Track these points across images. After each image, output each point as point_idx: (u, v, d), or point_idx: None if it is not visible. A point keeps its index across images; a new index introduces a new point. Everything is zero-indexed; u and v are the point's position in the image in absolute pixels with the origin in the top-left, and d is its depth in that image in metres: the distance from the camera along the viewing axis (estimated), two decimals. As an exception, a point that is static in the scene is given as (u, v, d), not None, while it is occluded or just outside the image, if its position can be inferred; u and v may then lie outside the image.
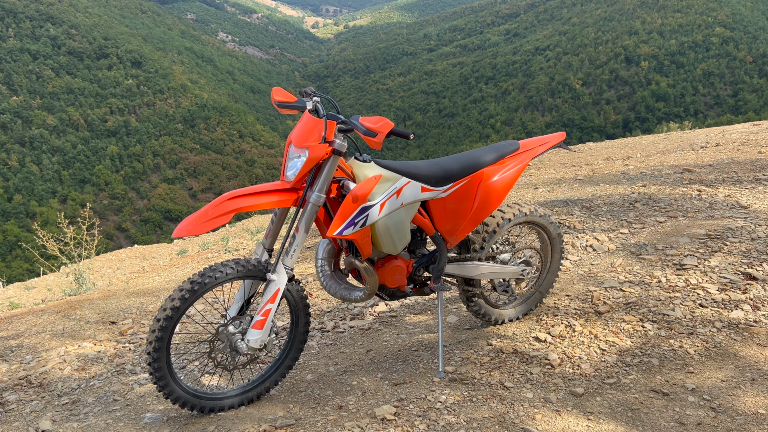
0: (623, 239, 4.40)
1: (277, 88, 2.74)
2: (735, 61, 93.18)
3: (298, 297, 2.70)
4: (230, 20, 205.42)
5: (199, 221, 2.36)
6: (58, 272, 11.72)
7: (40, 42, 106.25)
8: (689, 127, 16.98)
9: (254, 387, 2.73)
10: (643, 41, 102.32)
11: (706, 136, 10.98)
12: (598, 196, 5.73)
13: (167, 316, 2.40)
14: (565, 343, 3.02)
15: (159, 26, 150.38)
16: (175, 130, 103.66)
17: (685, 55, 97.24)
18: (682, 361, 2.75)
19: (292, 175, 2.51)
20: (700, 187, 5.66)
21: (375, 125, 2.38)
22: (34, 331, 4.68)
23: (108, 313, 4.97)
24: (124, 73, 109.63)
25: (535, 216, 3.20)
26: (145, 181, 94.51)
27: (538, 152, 3.11)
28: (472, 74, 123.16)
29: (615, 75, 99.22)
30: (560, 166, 9.49)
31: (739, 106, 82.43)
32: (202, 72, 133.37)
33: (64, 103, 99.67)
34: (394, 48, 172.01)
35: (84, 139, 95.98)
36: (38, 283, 11.63)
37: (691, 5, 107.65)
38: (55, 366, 3.47)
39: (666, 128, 17.53)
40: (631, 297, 3.44)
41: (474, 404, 2.54)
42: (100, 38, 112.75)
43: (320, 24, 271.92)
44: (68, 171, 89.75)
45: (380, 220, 2.62)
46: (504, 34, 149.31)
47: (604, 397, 2.53)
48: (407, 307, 3.85)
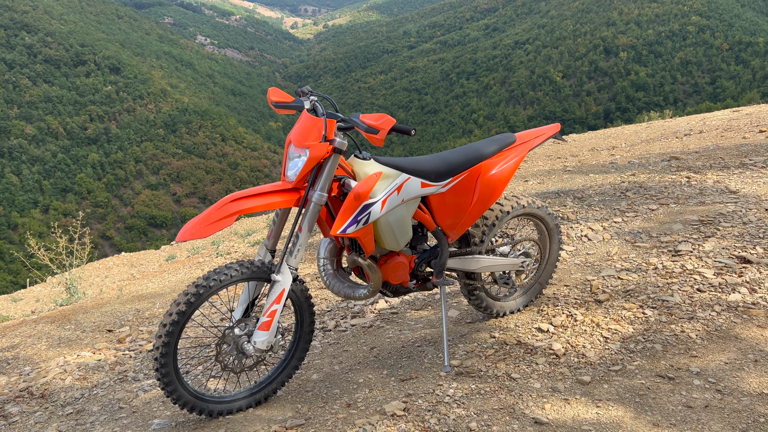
0: (617, 228, 4.44)
1: (274, 89, 2.73)
2: (712, 48, 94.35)
3: (303, 297, 2.70)
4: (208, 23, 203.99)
5: (203, 224, 2.34)
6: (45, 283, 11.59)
7: (16, 51, 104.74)
8: (670, 115, 17.14)
9: (261, 388, 2.73)
10: (621, 32, 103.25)
11: (687, 124, 11.10)
12: (589, 186, 5.77)
13: (174, 320, 2.39)
14: (567, 332, 3.05)
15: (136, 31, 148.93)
16: (156, 135, 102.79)
17: (663, 44, 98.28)
18: (684, 345, 2.78)
19: (294, 175, 2.50)
20: (688, 174, 5.73)
21: (377, 122, 2.38)
22: (29, 342, 4.62)
23: (103, 321, 4.93)
24: (102, 79, 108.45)
25: (532, 207, 3.22)
26: (128, 188, 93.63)
27: (534, 144, 3.13)
28: (453, 70, 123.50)
29: (594, 66, 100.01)
30: (546, 158, 9.55)
31: (717, 93, 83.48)
32: (181, 76, 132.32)
33: (42, 112, 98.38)
34: (374, 46, 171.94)
35: (64, 147, 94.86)
36: (25, 294, 11.49)
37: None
38: (56, 376, 3.44)
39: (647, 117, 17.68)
40: (630, 284, 3.48)
41: (482, 396, 2.56)
42: (77, 45, 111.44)
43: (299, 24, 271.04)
44: (49, 180, 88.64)
45: (382, 217, 2.62)
46: (483, 29, 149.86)
47: (611, 384, 2.56)
48: (408, 303, 3.85)
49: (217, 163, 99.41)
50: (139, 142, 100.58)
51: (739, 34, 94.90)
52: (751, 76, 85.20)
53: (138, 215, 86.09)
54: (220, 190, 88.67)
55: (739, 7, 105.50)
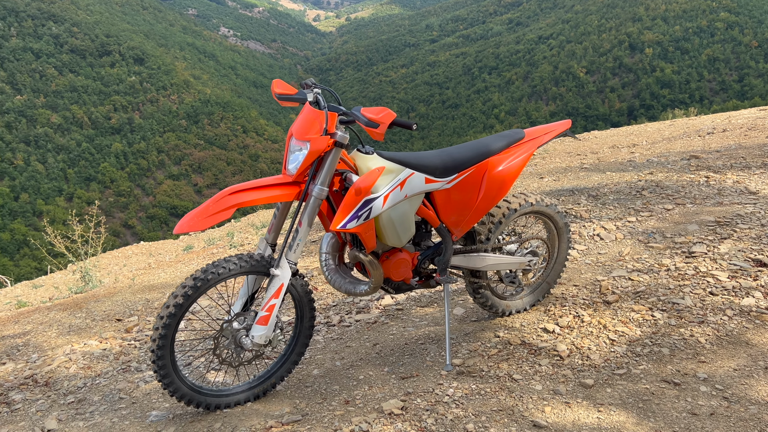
0: (631, 227, 4.35)
1: (278, 81, 2.70)
2: (740, 46, 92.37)
3: (303, 292, 2.67)
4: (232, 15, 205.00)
5: (201, 217, 2.33)
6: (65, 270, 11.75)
7: (43, 40, 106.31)
8: (695, 113, 16.84)
9: (260, 383, 2.71)
10: (647, 28, 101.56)
11: (712, 122, 10.88)
12: (605, 184, 5.67)
13: (170, 313, 2.38)
14: (573, 333, 2.99)
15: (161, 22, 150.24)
16: (178, 126, 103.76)
17: (690, 41, 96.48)
18: (693, 350, 2.71)
19: (294, 169, 2.47)
20: (707, 174, 5.60)
21: (377, 116, 2.34)
22: (40, 329, 4.68)
23: (114, 310, 4.96)
24: (126, 70, 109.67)
25: (541, 206, 3.15)
26: (150, 177, 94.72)
27: (543, 141, 3.06)
28: (475, 64, 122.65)
29: (619, 62, 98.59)
30: (565, 155, 9.42)
31: (745, 91, 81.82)
32: (204, 68, 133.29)
33: (68, 101, 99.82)
34: (396, 39, 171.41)
35: (88, 136, 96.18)
36: (46, 281, 11.67)
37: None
38: (60, 364, 3.46)
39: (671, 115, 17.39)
40: (640, 286, 3.40)
41: (482, 397, 2.51)
42: (102, 36, 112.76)
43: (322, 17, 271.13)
44: (73, 169, 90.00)
45: (384, 213, 2.58)
46: (507, 24, 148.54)
47: (615, 388, 2.50)
48: (413, 299, 3.81)
49: (238, 155, 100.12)
50: (162, 133, 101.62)
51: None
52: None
53: (159, 205, 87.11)
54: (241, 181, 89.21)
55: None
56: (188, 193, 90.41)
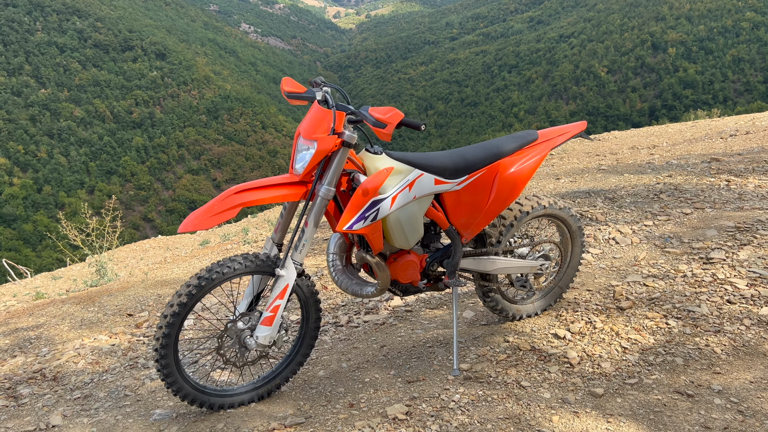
0: (647, 231, 4.26)
1: (287, 79, 2.67)
2: (766, 46, 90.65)
3: (309, 292, 2.64)
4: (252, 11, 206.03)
5: (205, 216, 2.30)
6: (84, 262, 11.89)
7: (67, 35, 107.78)
8: (718, 114, 16.54)
9: (265, 383, 2.68)
10: (671, 27, 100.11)
11: (735, 124, 10.66)
12: (622, 186, 5.57)
13: (174, 312, 2.36)
14: (585, 340, 2.92)
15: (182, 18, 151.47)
16: (198, 121, 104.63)
17: (714, 40, 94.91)
18: (708, 360, 2.63)
19: (301, 168, 2.44)
20: (728, 177, 5.47)
21: (384, 116, 2.30)
22: (53, 322, 4.71)
23: (126, 305, 4.98)
24: (148, 65, 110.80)
25: (554, 208, 3.09)
26: (170, 172, 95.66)
27: (557, 142, 2.99)
28: (495, 62, 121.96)
29: (641, 62, 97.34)
30: (584, 155, 9.29)
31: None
32: (225, 63, 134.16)
33: (91, 95, 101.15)
34: (415, 37, 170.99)
35: (110, 130, 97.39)
36: (64, 273, 11.81)
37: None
38: (69, 359, 3.47)
39: (693, 116, 17.11)
40: (655, 292, 3.32)
41: (489, 404, 2.46)
42: (125, 31, 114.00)
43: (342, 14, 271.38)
44: (95, 162, 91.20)
45: (392, 214, 2.54)
46: (527, 22, 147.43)
47: (625, 398, 2.43)
48: (423, 301, 3.77)
49: (257, 150, 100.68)
50: (182, 128, 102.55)
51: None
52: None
53: (179, 199, 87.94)
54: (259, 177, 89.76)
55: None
56: (207, 188, 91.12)
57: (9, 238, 67.12)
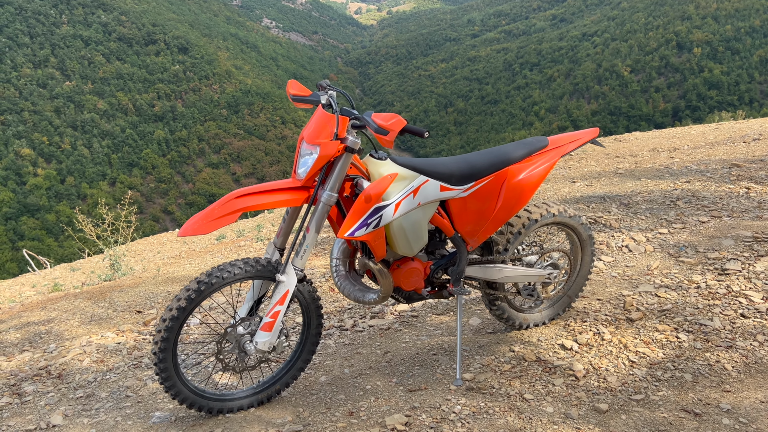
0: (662, 240, 4.17)
1: (293, 81, 2.65)
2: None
3: (310, 298, 2.61)
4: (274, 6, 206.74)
5: (205, 220, 2.28)
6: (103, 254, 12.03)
7: (92, 28, 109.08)
8: (743, 116, 16.23)
9: (265, 388, 2.66)
10: (697, 27, 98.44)
11: (760, 128, 10.43)
12: (638, 192, 5.47)
13: (173, 316, 2.35)
14: (592, 352, 2.86)
15: (205, 12, 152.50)
16: (219, 115, 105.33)
17: (741, 41, 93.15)
18: (718, 377, 2.55)
19: (303, 173, 2.41)
20: (748, 185, 5.34)
21: (386, 123, 2.26)
22: (64, 317, 4.75)
23: (135, 301, 5.01)
24: (171, 59, 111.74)
25: (564, 216, 3.02)
26: (191, 165, 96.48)
27: (568, 149, 2.93)
28: (516, 60, 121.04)
29: (665, 62, 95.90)
30: (603, 157, 9.16)
31: (799, 94, 78.66)
32: (246, 58, 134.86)
33: (114, 88, 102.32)
34: (437, 34, 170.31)
35: (132, 123, 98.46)
36: (83, 264, 11.95)
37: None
38: (75, 357, 3.49)
39: (717, 118, 16.81)
40: (667, 303, 3.24)
41: (490, 417, 2.42)
42: (149, 24, 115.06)
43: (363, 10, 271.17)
44: (117, 154, 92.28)
45: (395, 221, 2.50)
46: (550, 20, 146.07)
47: (630, 415, 2.37)
48: (429, 306, 3.72)
49: (276, 145, 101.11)
50: (203, 121, 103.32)
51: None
52: (837, 78, 79.90)
53: (198, 192, 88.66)
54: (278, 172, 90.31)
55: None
56: (226, 182, 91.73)
57: (33, 228, 68.27)
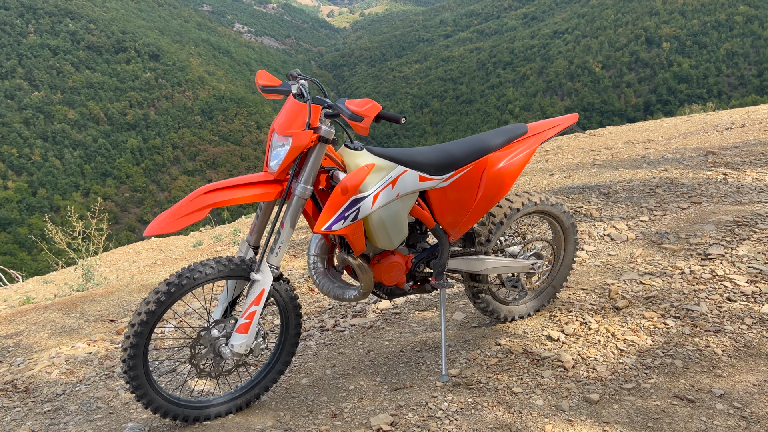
0: (643, 227, 4.13)
1: (262, 72, 2.53)
2: (760, 39, 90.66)
3: (288, 297, 2.50)
4: (246, 11, 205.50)
5: (173, 218, 2.16)
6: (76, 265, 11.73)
7: (60, 37, 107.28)
8: (713, 108, 16.45)
9: (243, 393, 2.55)
10: (665, 22, 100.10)
11: (730, 118, 10.55)
12: (617, 181, 5.44)
13: (142, 320, 2.22)
14: (579, 342, 2.79)
15: (176, 19, 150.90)
16: (193, 122, 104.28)
17: (708, 35, 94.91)
18: (708, 362, 2.50)
19: (276, 166, 2.30)
20: (725, 171, 5.35)
21: (361, 108, 2.16)
22: (33, 329, 4.56)
23: (108, 310, 4.84)
24: (142, 66, 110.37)
25: (546, 205, 2.95)
26: (165, 173, 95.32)
27: (548, 135, 2.86)
28: (489, 59, 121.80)
29: (635, 57, 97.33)
30: (579, 150, 9.16)
31: (765, 86, 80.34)
32: (219, 64, 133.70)
33: (85, 97, 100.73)
34: (410, 35, 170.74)
35: (105, 132, 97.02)
36: (56, 277, 11.63)
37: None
38: (43, 369, 3.33)
39: (689, 110, 17.01)
40: (652, 290, 3.19)
41: (478, 412, 2.33)
42: (118, 32, 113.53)
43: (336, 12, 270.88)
44: (90, 165, 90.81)
45: (374, 213, 2.40)
46: (521, 18, 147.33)
47: (622, 404, 2.30)
48: (412, 303, 3.63)
49: (252, 151, 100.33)
50: (177, 129, 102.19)
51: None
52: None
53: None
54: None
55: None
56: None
57: (4, 242, 66.77)
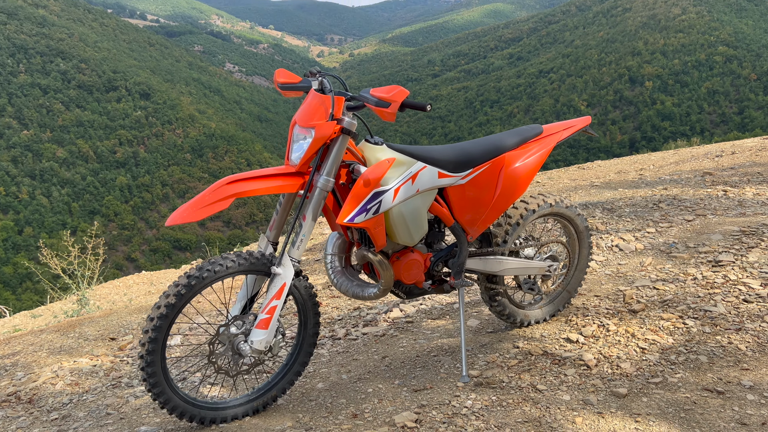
0: (651, 238, 4.14)
1: (281, 70, 2.55)
2: (739, 79, 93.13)
3: (306, 294, 2.46)
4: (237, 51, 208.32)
5: (196, 207, 2.13)
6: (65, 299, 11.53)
7: (51, 77, 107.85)
8: (698, 143, 16.70)
9: (260, 395, 2.48)
10: (647, 61, 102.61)
11: (718, 148, 10.72)
12: (619, 198, 5.48)
13: (162, 314, 2.17)
14: (599, 343, 2.76)
15: (167, 58, 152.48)
16: (183, 159, 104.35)
17: (689, 74, 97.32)
18: (733, 357, 2.48)
19: (297, 158, 2.29)
20: (725, 188, 5.40)
21: (388, 94, 2.17)
22: (30, 350, 4.44)
23: (108, 329, 4.73)
24: (132, 105, 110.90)
25: (560, 207, 2.96)
26: (154, 210, 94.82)
27: (562, 136, 2.89)
28: (476, 98, 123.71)
29: (619, 95, 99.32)
30: (570, 181, 9.24)
31: (746, 123, 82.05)
32: (209, 102, 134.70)
33: (74, 135, 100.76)
34: (398, 74, 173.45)
35: (93, 170, 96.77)
36: (44, 311, 11.37)
37: (693, 25, 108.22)
38: (46, 381, 3.23)
39: (674, 145, 17.26)
40: (667, 294, 3.18)
41: (504, 409, 2.28)
42: (109, 71, 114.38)
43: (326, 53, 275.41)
44: (78, 203, 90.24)
45: (395, 208, 2.39)
46: (507, 58, 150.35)
47: (651, 397, 2.26)
48: (424, 312, 3.59)
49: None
50: (167, 166, 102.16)
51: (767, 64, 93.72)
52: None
53: (163, 238, 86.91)
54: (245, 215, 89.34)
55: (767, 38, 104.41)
56: (192, 227, 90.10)
57: (-12, 281, 65.64)
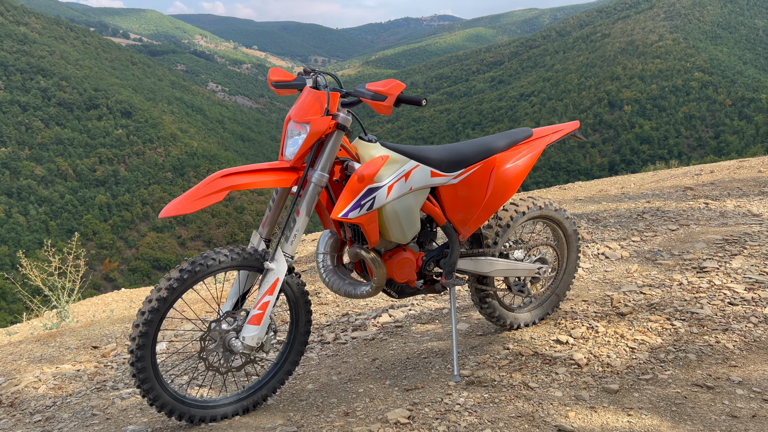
0: (636, 246, 4.20)
1: (275, 69, 2.57)
2: (715, 104, 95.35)
3: (299, 291, 2.45)
4: (220, 71, 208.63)
5: (190, 200, 2.12)
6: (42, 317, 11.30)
7: (30, 94, 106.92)
8: (676, 165, 17.02)
9: (250, 394, 2.45)
10: (625, 86, 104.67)
11: (697, 168, 10.93)
12: (603, 210, 5.55)
13: (153, 308, 2.14)
14: (589, 343, 2.77)
15: (149, 77, 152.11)
16: (164, 178, 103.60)
17: (667, 99, 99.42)
18: (721, 355, 2.51)
19: (291, 154, 2.30)
20: (706, 201, 5.50)
21: (384, 88, 2.19)
22: (10, 359, 4.34)
23: (90, 339, 4.65)
24: (113, 123, 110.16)
25: (549, 210, 2.99)
26: (134, 230, 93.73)
27: (552, 139, 2.94)
28: (459, 120, 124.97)
29: (599, 119, 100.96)
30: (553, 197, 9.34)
31: (722, 147, 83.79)
32: (191, 121, 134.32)
33: (53, 153, 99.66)
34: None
35: (72, 189, 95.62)
36: (20, 328, 11.15)
37: (670, 51, 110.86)
38: (28, 385, 3.16)
39: (653, 168, 17.57)
40: (654, 298, 3.21)
41: (497, 405, 2.28)
42: (91, 89, 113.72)
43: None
44: (56, 221, 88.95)
45: (388, 204, 2.40)
46: (489, 81, 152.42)
47: (642, 392, 2.27)
48: (413, 317, 3.58)
49: (223, 207, 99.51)
50: (147, 185, 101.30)
51: (742, 90, 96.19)
52: (755, 132, 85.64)
53: (142, 257, 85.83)
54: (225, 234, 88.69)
55: (741, 65, 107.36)
56: (172, 246, 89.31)
57: (-39, 300, 64.14)
